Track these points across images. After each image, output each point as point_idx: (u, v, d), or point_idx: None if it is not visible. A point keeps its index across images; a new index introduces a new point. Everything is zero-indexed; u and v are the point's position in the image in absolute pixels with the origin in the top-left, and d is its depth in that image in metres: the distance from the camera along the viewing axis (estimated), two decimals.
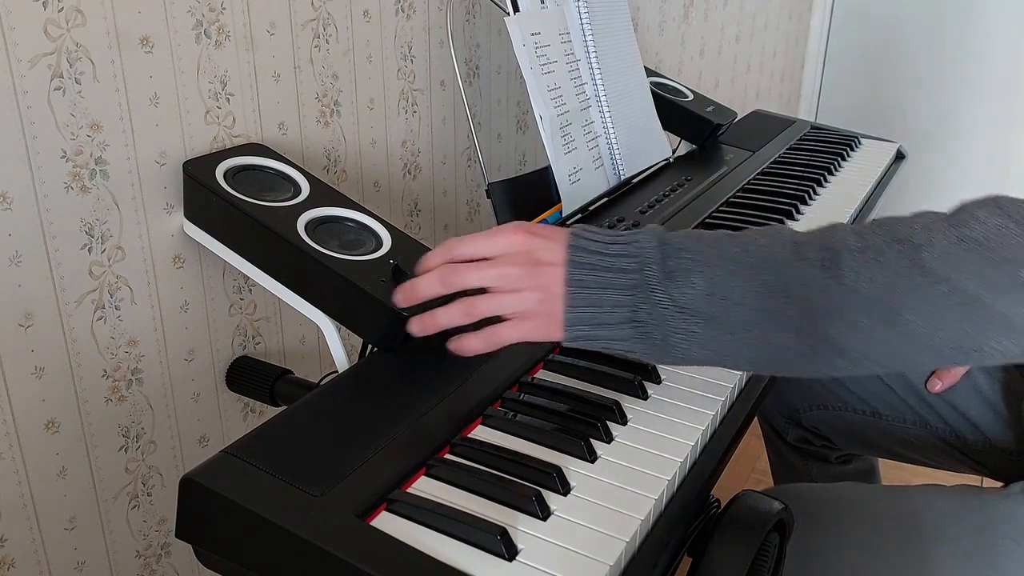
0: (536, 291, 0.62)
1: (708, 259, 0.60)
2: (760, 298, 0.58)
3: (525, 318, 0.63)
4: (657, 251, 0.61)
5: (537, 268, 0.63)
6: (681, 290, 0.59)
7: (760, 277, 0.58)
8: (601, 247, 0.62)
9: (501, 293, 0.63)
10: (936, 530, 0.77)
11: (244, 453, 0.56)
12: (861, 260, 0.57)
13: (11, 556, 0.72)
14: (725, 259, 0.60)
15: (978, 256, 0.55)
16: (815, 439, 1.14)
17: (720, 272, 0.59)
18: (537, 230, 0.65)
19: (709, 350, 0.60)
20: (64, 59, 0.66)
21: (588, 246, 0.62)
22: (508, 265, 0.63)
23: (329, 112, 0.93)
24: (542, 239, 0.64)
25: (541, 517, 0.54)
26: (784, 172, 1.23)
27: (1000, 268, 0.55)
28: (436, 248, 0.68)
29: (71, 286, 0.71)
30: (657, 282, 0.60)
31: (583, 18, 1.04)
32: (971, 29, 2.68)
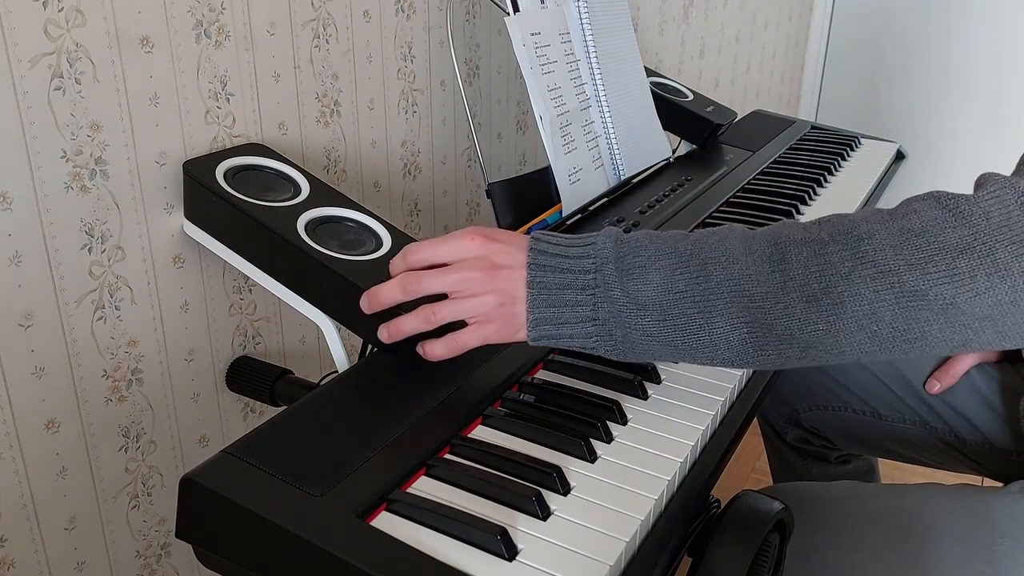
0: (496, 294, 0.64)
1: (662, 256, 0.62)
2: (711, 293, 0.60)
3: (486, 321, 0.65)
4: (613, 250, 0.63)
5: (497, 272, 0.64)
6: (637, 287, 0.61)
7: (709, 273, 0.60)
8: (560, 250, 0.64)
9: (462, 298, 0.65)
10: (935, 529, 0.77)
11: (244, 453, 0.56)
12: (806, 252, 0.59)
13: (11, 556, 0.72)
14: (677, 256, 0.62)
15: (915, 246, 0.57)
16: (815, 439, 1.14)
17: (672, 269, 0.61)
18: (494, 235, 0.66)
19: (667, 345, 0.62)
20: (64, 59, 0.66)
21: (547, 249, 0.64)
22: (467, 270, 0.64)
23: (329, 112, 0.93)
24: (499, 244, 0.65)
25: (541, 517, 0.54)
26: (784, 172, 1.23)
27: (936, 257, 0.56)
28: (397, 255, 0.69)
29: (71, 286, 0.71)
30: (615, 280, 0.61)
31: (583, 18, 1.05)
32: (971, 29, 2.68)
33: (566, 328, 0.63)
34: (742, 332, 0.60)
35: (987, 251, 0.56)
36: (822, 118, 2.94)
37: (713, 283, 0.60)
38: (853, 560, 0.76)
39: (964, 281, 0.56)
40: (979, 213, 0.57)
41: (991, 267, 0.56)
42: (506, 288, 0.64)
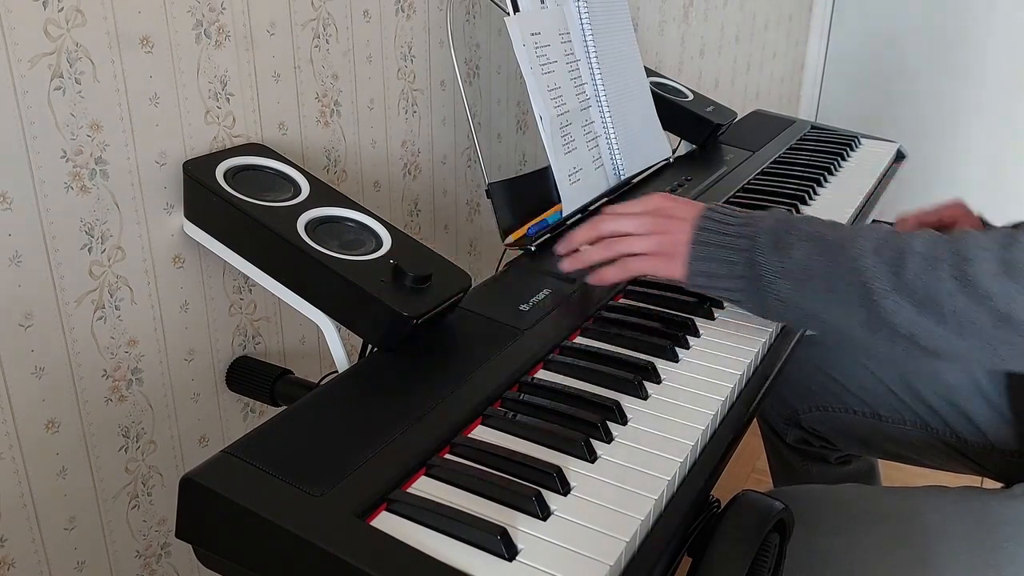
0: (666, 235, 0.78)
1: (809, 239, 0.73)
2: (837, 279, 0.70)
3: (653, 255, 0.78)
4: (773, 224, 0.75)
5: (670, 220, 0.79)
6: (780, 259, 0.73)
7: (840, 262, 0.70)
8: (728, 218, 0.77)
9: (637, 236, 0.79)
10: (937, 531, 0.77)
11: (244, 453, 0.56)
12: (921, 264, 0.67)
13: (11, 556, 0.72)
14: (821, 241, 0.72)
15: (1011, 277, 0.64)
16: (814, 440, 1.14)
17: (812, 250, 0.72)
18: (677, 198, 0.82)
19: (794, 308, 0.73)
20: (64, 59, 0.66)
21: (716, 216, 0.77)
22: (645, 215, 0.80)
23: (329, 112, 0.93)
24: (679, 203, 0.81)
25: (541, 517, 0.54)
26: (784, 172, 1.23)
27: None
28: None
29: (71, 286, 0.71)
30: (765, 250, 0.73)
31: (583, 18, 1.04)
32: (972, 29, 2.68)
33: (719, 281, 0.76)
34: (861, 315, 0.69)
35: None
36: (822, 118, 2.94)
37: (841, 269, 0.70)
38: (855, 562, 0.76)
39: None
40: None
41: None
42: (675, 232, 0.77)
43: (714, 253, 0.75)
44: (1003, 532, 0.76)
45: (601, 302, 0.82)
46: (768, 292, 0.73)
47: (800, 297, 0.72)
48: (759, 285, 0.73)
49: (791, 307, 0.73)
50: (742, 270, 0.74)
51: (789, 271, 0.72)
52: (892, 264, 0.68)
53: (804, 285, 0.71)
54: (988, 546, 0.75)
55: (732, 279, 0.75)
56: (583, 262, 0.82)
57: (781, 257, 0.72)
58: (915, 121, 2.81)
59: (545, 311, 0.79)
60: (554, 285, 0.84)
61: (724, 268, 0.75)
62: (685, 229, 0.77)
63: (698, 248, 0.76)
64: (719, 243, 0.75)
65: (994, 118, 2.72)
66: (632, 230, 0.80)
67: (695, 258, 0.76)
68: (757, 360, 0.77)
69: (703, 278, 0.76)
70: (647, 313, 0.81)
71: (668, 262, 0.77)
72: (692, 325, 0.79)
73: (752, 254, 0.73)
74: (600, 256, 0.81)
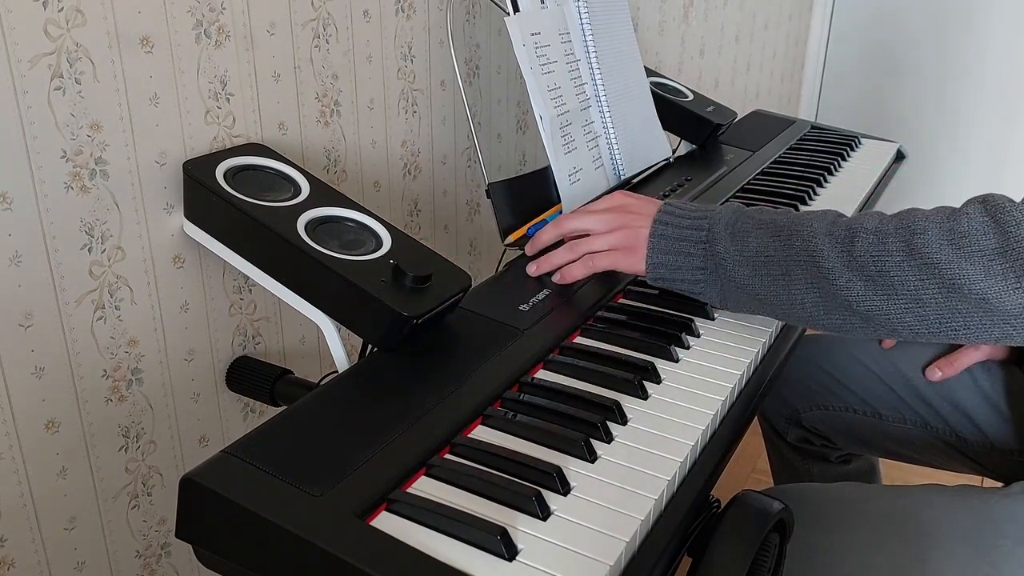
0: (626, 230, 0.80)
1: (763, 226, 0.75)
2: (791, 260, 0.72)
3: (615, 250, 0.81)
4: (730, 216, 0.77)
5: (630, 216, 0.81)
6: (737, 247, 0.75)
7: (793, 243, 0.73)
8: (685, 211, 0.79)
9: (599, 233, 0.82)
10: (936, 530, 0.77)
11: (244, 453, 0.56)
12: (871, 240, 0.69)
13: (11, 556, 0.72)
14: (775, 226, 0.75)
15: (958, 246, 0.66)
16: (815, 439, 1.14)
17: (768, 236, 0.74)
18: (638, 195, 0.85)
19: (754, 298, 0.75)
20: (64, 59, 0.66)
21: (674, 210, 0.79)
22: (605, 212, 0.83)
23: (329, 112, 0.93)
24: (640, 199, 0.84)
25: (541, 517, 0.54)
26: (784, 172, 1.23)
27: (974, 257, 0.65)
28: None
29: (71, 286, 0.71)
30: (722, 240, 0.75)
31: (583, 18, 1.04)
32: (972, 29, 2.68)
33: (679, 273, 0.77)
34: (814, 295, 0.71)
35: (1019, 255, 0.64)
36: (822, 118, 2.94)
37: (794, 252, 0.72)
38: (854, 561, 0.76)
39: (996, 280, 0.64)
40: (1017, 221, 0.65)
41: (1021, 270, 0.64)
42: (635, 228, 0.80)
43: (672, 246, 0.77)
44: (1001, 530, 0.76)
45: (601, 302, 0.82)
46: (728, 280, 0.75)
47: (758, 283, 0.74)
48: (718, 274, 0.75)
49: (750, 294, 0.75)
50: (700, 261, 0.76)
51: (747, 258, 0.74)
52: (843, 242, 0.70)
53: (761, 271, 0.73)
54: (986, 544, 0.75)
55: (691, 270, 0.77)
56: (550, 264, 0.85)
57: (738, 245, 0.75)
58: (915, 121, 2.81)
59: (545, 311, 0.79)
60: (554, 285, 0.84)
61: (683, 260, 0.77)
62: (644, 223, 0.80)
63: (656, 241, 0.78)
64: (677, 236, 0.77)
65: (994, 118, 2.72)
66: (593, 227, 0.83)
67: (654, 251, 0.78)
68: (757, 360, 0.77)
69: (663, 270, 0.78)
70: (647, 313, 0.81)
71: (629, 256, 0.80)
72: (692, 325, 0.79)
73: (710, 245, 0.76)
74: (564, 258, 0.84)
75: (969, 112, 2.75)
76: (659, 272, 0.78)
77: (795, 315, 0.74)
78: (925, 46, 2.75)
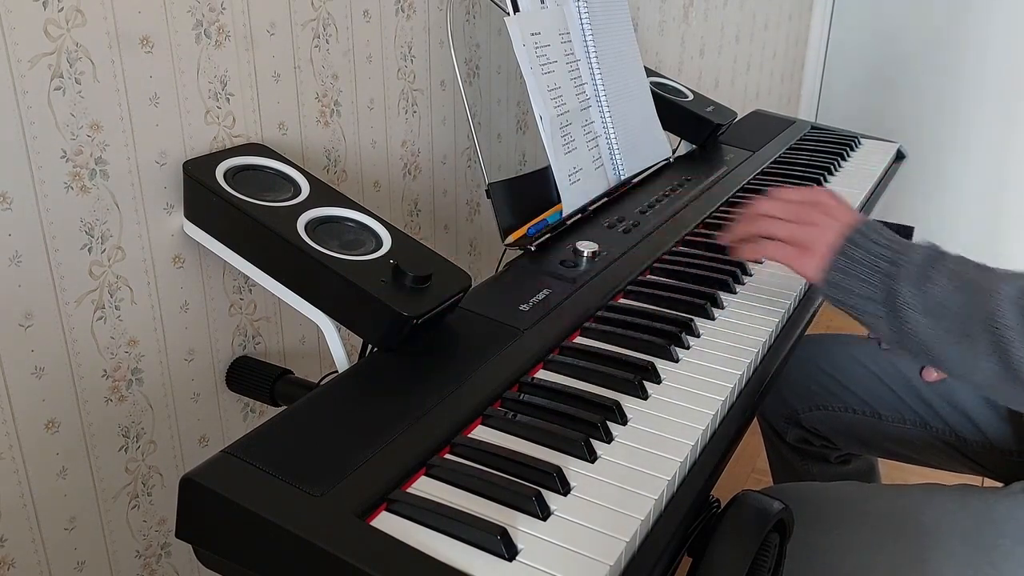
0: (811, 228, 0.76)
1: (954, 277, 0.70)
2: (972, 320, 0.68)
3: (790, 244, 0.77)
4: (923, 256, 0.72)
5: (822, 216, 0.76)
6: (921, 292, 0.70)
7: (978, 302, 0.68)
8: (879, 236, 0.74)
9: (781, 220, 0.78)
10: (936, 529, 0.77)
11: (244, 453, 0.56)
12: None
13: (11, 556, 0.72)
14: (963, 279, 0.70)
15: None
16: (815, 439, 1.14)
17: (954, 288, 0.69)
18: (838, 197, 0.80)
19: (928, 350, 0.71)
20: (64, 59, 0.66)
21: (869, 231, 0.74)
22: (799, 204, 0.78)
23: (329, 112, 0.93)
24: (840, 203, 0.79)
25: (541, 517, 0.54)
26: (784, 172, 1.23)
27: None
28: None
29: (71, 286, 0.71)
30: (906, 280, 0.71)
31: (583, 18, 1.04)
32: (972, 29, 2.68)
33: (851, 298, 0.74)
34: (993, 362, 0.67)
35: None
36: (822, 118, 2.94)
37: (975, 310, 0.67)
38: (854, 560, 0.76)
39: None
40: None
41: None
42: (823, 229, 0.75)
43: (854, 268, 0.73)
44: (1000, 529, 0.76)
45: (601, 302, 0.82)
46: (902, 323, 0.71)
47: (932, 336, 0.69)
48: (894, 314, 0.71)
49: (922, 342, 0.70)
50: (879, 294, 0.72)
51: (925, 307, 0.69)
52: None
53: (938, 324, 0.69)
54: (985, 544, 0.75)
55: (866, 300, 0.73)
56: (732, 235, 0.83)
57: (920, 290, 0.70)
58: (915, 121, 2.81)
59: (545, 311, 0.79)
60: (554, 285, 0.84)
61: (859, 286, 0.73)
62: (834, 230, 0.75)
63: (839, 258, 0.74)
64: (862, 259, 0.73)
65: (995, 118, 2.72)
66: (779, 214, 0.79)
67: (835, 268, 0.74)
68: (757, 360, 0.77)
69: (837, 290, 0.74)
70: (647, 313, 0.81)
71: (803, 257, 0.76)
72: (692, 325, 0.79)
73: (892, 281, 0.71)
74: (742, 231, 0.82)
75: (969, 112, 2.75)
76: (833, 291, 0.75)
77: (973, 379, 0.70)
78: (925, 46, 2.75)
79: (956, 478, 1.01)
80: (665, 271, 0.90)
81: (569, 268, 0.88)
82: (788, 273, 0.87)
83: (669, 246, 0.95)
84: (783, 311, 0.84)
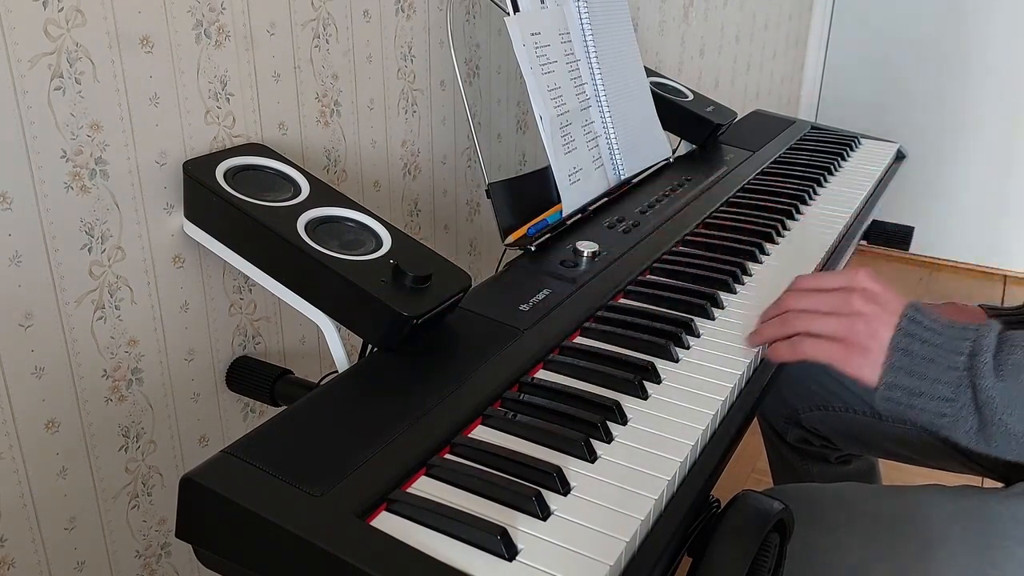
0: (858, 321, 0.65)
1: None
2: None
3: (835, 341, 0.67)
4: (994, 342, 0.63)
5: (868, 304, 0.66)
6: (1008, 383, 0.61)
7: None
8: (935, 324, 0.65)
9: (823, 314, 0.68)
10: (937, 530, 0.77)
11: (244, 453, 0.56)
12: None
13: (11, 556, 0.72)
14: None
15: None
16: (815, 439, 1.14)
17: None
18: (880, 281, 0.69)
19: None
20: (64, 59, 0.66)
21: (924, 319, 0.65)
22: (841, 293, 0.68)
23: (329, 112, 0.93)
24: (884, 289, 0.68)
25: (541, 517, 0.54)
26: (784, 172, 1.23)
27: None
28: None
29: (71, 286, 0.71)
30: (987, 373, 0.61)
31: (583, 18, 1.04)
32: (973, 28, 2.68)
33: (919, 400, 0.63)
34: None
35: None
36: (822, 118, 2.94)
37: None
38: (855, 561, 0.76)
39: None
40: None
41: None
42: (871, 322, 0.65)
43: (918, 366, 0.63)
44: (1001, 530, 0.76)
45: (601, 302, 0.82)
46: (991, 423, 0.61)
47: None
48: (979, 413, 0.62)
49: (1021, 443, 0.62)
50: (951, 391, 0.63)
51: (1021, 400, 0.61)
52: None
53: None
54: (987, 544, 0.75)
55: (936, 400, 0.63)
56: (761, 338, 0.72)
57: (1008, 381, 0.61)
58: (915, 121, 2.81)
59: (545, 311, 0.79)
60: (554, 285, 0.84)
61: (927, 386, 0.63)
62: (886, 323, 0.65)
63: (899, 356, 0.64)
64: (926, 355, 0.63)
65: (995, 117, 2.72)
66: (819, 307, 0.69)
67: (895, 368, 0.64)
68: (757, 360, 0.77)
69: (900, 392, 0.64)
70: (647, 313, 0.81)
71: (855, 355, 0.66)
72: (692, 325, 0.79)
73: (970, 374, 0.62)
74: (774, 333, 0.71)
75: (969, 112, 2.75)
76: (894, 394, 0.64)
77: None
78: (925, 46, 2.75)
79: (956, 478, 1.01)
80: (665, 271, 0.90)
81: (569, 268, 0.88)
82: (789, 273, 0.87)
83: (669, 246, 0.95)
84: None
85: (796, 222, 1.07)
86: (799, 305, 0.70)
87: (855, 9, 2.83)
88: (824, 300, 0.69)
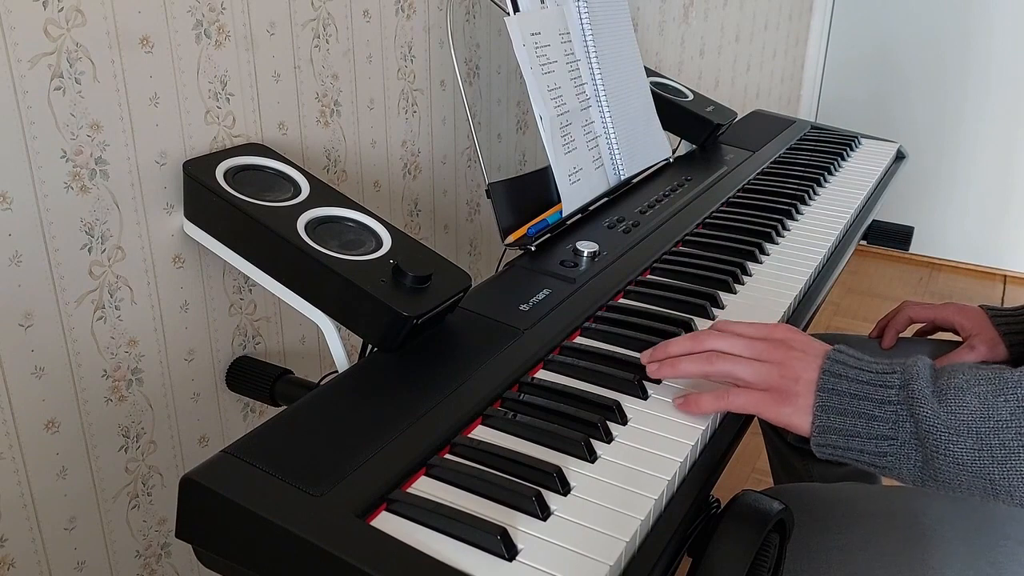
0: (782, 368, 0.63)
1: (982, 381, 0.59)
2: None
3: (760, 389, 0.64)
4: (926, 370, 0.61)
5: (790, 351, 0.64)
6: (950, 410, 0.58)
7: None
8: (863, 363, 0.63)
9: (746, 360, 0.65)
10: (938, 531, 0.77)
11: (244, 453, 0.56)
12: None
13: (11, 556, 0.72)
14: (1002, 382, 0.58)
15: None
16: None
17: (995, 395, 0.58)
18: (799, 331, 0.67)
19: (981, 478, 0.58)
20: (64, 59, 0.66)
21: (847, 358, 0.63)
22: (762, 340, 0.65)
23: (329, 112, 0.93)
24: (803, 337, 0.66)
25: (541, 517, 0.54)
26: (784, 172, 1.23)
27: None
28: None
29: (71, 286, 0.71)
30: (925, 400, 0.58)
31: (583, 18, 1.04)
32: (973, 28, 2.68)
33: (856, 441, 0.60)
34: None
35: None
36: (822, 118, 2.94)
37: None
38: (855, 561, 0.76)
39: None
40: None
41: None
42: (794, 367, 0.63)
43: (849, 405, 0.61)
44: (1001, 530, 0.76)
45: (601, 302, 0.82)
46: (937, 454, 0.58)
47: (986, 460, 0.57)
48: (921, 446, 0.59)
49: (973, 473, 0.58)
50: (889, 428, 0.59)
51: (968, 426, 0.57)
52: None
53: (992, 441, 0.57)
54: (986, 544, 0.75)
55: (875, 439, 0.60)
56: (673, 371, 0.68)
57: (951, 407, 0.58)
58: (915, 121, 2.81)
59: (545, 311, 0.79)
60: (554, 285, 0.84)
61: (862, 425, 0.60)
62: (811, 365, 0.63)
63: (827, 396, 0.61)
64: (855, 392, 0.61)
65: (995, 117, 2.72)
66: (743, 352, 0.66)
67: (825, 409, 0.61)
68: None
69: (835, 436, 0.61)
70: (647, 313, 0.81)
71: (782, 404, 0.63)
72: (692, 325, 0.79)
73: (908, 407, 0.59)
74: (696, 368, 0.66)
75: (970, 112, 2.75)
76: (828, 438, 0.61)
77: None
78: (925, 45, 2.75)
79: None
80: (665, 271, 0.90)
81: (569, 268, 0.88)
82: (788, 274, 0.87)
83: (669, 246, 0.95)
84: (783, 311, 0.84)
85: (796, 222, 1.07)
86: (719, 346, 0.67)
87: (855, 9, 2.83)
88: (745, 345, 0.66)
